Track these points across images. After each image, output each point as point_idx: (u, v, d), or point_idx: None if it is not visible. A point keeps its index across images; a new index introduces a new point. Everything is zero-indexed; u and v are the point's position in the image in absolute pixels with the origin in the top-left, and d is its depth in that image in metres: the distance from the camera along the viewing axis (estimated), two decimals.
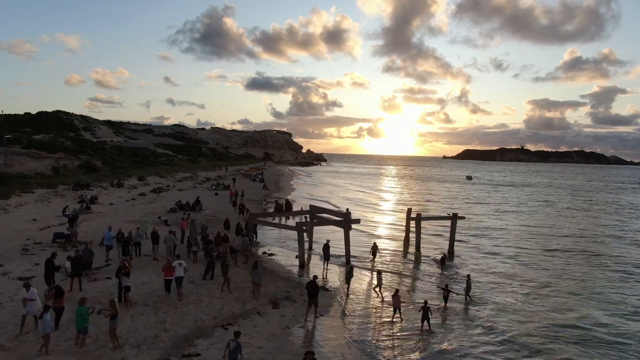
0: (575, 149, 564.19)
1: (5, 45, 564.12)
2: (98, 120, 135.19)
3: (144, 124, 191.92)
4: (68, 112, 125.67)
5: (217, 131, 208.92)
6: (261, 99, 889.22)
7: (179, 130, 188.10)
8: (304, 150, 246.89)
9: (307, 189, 77.40)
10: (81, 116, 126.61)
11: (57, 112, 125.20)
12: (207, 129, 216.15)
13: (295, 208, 44.83)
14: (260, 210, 44.46)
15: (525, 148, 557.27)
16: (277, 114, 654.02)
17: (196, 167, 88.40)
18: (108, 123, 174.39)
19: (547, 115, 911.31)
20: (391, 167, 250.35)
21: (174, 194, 50.99)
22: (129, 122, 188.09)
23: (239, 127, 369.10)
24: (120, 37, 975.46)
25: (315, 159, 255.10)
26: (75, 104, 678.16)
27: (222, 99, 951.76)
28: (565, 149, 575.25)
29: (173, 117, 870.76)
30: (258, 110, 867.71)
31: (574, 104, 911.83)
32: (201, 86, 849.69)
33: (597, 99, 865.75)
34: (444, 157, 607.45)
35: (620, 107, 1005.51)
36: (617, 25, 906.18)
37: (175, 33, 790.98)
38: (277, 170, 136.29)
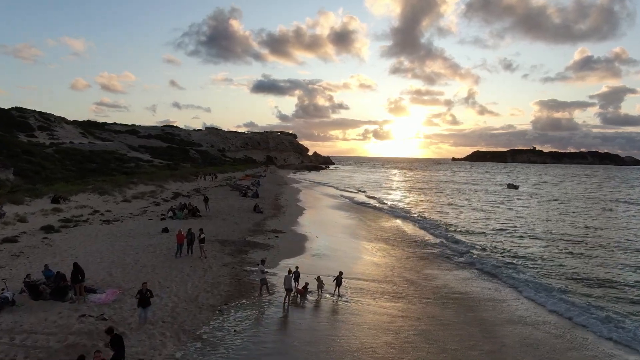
0: (583, 149, 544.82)
1: (10, 49, 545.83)
2: (63, 119, 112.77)
3: (132, 125, 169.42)
4: (24, 109, 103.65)
5: (213, 132, 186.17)
6: (267, 101, 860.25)
7: (168, 131, 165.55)
8: (310, 153, 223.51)
9: (321, 211, 54.08)
10: (40, 113, 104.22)
11: (14, 109, 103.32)
12: (202, 129, 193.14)
13: (308, 273, 21.85)
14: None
15: (537, 149, 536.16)
16: (282, 117, 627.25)
17: (168, 177, 65.46)
18: (87, 123, 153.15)
19: (555, 116, 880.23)
20: (404, 170, 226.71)
21: (80, 235, 28.07)
22: (115, 123, 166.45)
23: (244, 130, 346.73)
24: (125, 40, 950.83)
25: (323, 162, 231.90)
26: (81, 109, 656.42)
27: (228, 102, 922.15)
28: (572, 150, 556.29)
29: (179, 120, 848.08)
30: (263, 114, 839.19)
31: (583, 105, 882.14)
32: (207, 89, 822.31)
33: (606, 99, 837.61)
34: (453, 159, 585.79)
35: (630, 107, 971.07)
36: (632, 24, 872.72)
37: (180, 36, 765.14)
38: (280, 177, 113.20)
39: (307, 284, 20.26)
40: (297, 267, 20.93)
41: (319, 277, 20.35)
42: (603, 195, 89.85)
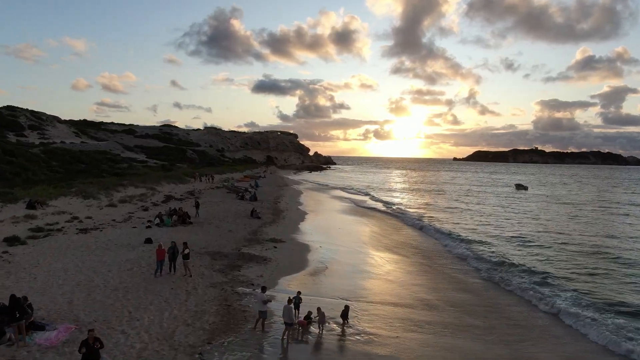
0: (584, 149, 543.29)
1: (11, 49, 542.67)
2: (56, 118, 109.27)
3: (129, 124, 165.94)
4: (16, 107, 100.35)
5: (212, 132, 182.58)
6: (268, 101, 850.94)
7: (166, 131, 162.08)
8: (310, 153, 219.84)
9: (323, 216, 50.53)
10: (32, 112, 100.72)
11: (5, 108, 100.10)
12: (201, 129, 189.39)
13: (310, 295, 18.34)
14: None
15: (539, 149, 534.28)
16: (283, 117, 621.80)
17: (162, 178, 61.86)
18: (82, 123, 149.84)
19: (556, 115, 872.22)
20: (407, 171, 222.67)
21: (49, 248, 24.43)
22: (112, 123, 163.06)
23: (245, 130, 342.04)
24: (126, 40, 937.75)
25: (324, 162, 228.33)
26: (82, 109, 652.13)
27: (229, 102, 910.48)
28: (573, 150, 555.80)
29: (180, 121, 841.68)
30: (264, 114, 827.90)
31: (584, 104, 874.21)
32: (208, 90, 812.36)
33: (607, 99, 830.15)
34: (455, 159, 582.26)
35: (631, 107, 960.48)
36: (634, 24, 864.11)
37: (181, 36, 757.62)
38: (280, 178, 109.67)
39: (310, 313, 16.66)
40: (298, 292, 17.33)
41: (318, 308, 16.54)
42: (618, 197, 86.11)
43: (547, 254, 32.21)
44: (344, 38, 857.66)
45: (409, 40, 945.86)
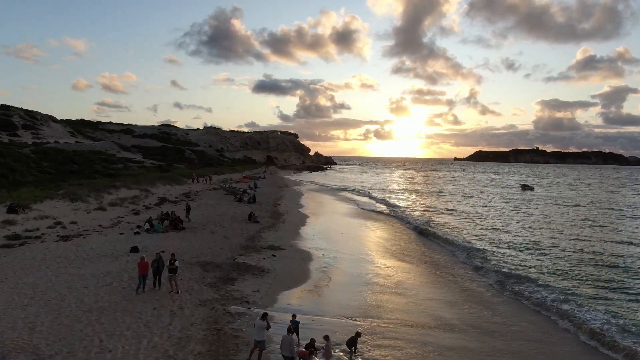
0: (584, 149, 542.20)
1: (12, 49, 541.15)
2: (51, 117, 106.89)
3: (127, 124, 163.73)
4: (10, 106, 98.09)
5: (212, 132, 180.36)
6: (268, 101, 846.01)
7: (164, 131, 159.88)
8: (311, 153, 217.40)
9: (326, 219, 48.15)
10: (26, 111, 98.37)
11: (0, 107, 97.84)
12: (200, 129, 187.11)
13: (311, 314, 16.04)
14: None
15: (540, 149, 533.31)
16: (284, 117, 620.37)
17: (157, 179, 59.46)
18: (80, 122, 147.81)
19: (556, 115, 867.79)
20: (408, 171, 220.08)
21: (23, 258, 22.03)
22: (110, 122, 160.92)
23: (245, 130, 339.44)
24: (126, 40, 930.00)
25: (324, 162, 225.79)
26: (83, 109, 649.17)
27: (229, 102, 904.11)
28: (574, 150, 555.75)
29: (180, 121, 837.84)
30: (264, 114, 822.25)
31: (585, 104, 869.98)
32: (208, 90, 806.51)
33: (608, 98, 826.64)
34: (455, 159, 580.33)
35: (632, 106, 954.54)
36: (635, 23, 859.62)
37: (182, 35, 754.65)
38: (280, 178, 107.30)
39: (313, 340, 14.23)
40: (294, 316, 14.97)
41: (326, 336, 13.98)
42: (628, 199, 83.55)
43: (568, 265, 29.74)
44: (344, 38, 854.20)
45: (410, 40, 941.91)
